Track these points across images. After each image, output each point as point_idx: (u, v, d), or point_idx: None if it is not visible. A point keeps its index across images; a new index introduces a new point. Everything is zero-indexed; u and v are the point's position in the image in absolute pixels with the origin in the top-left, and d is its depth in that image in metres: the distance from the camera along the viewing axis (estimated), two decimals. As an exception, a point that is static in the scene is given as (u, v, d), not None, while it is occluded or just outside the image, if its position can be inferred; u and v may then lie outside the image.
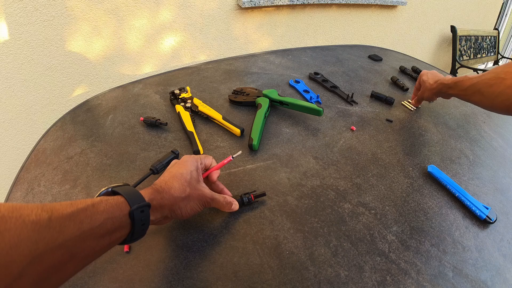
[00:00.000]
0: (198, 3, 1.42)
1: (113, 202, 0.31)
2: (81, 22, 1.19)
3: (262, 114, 0.65)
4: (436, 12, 2.51)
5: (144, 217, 0.32)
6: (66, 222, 0.25)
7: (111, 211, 0.30)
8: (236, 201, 0.45)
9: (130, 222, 0.31)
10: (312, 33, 1.89)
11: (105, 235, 0.29)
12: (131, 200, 0.32)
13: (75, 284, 0.37)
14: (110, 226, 0.29)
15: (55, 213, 0.25)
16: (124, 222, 0.31)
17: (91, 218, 0.27)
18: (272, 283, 0.39)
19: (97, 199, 0.30)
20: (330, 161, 0.59)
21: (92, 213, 0.28)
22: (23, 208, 0.24)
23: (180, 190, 0.38)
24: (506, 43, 3.95)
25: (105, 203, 0.30)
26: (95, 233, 0.28)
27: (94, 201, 0.29)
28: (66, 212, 0.26)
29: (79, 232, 0.26)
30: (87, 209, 0.28)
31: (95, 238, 0.28)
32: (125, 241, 0.33)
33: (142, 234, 0.34)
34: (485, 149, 0.69)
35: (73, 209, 0.27)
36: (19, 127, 1.25)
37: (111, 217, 0.29)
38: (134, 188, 0.34)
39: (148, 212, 0.33)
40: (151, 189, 0.37)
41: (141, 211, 0.32)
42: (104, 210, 0.29)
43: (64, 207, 0.26)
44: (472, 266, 0.44)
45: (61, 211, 0.26)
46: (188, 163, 0.42)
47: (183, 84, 0.79)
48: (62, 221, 0.25)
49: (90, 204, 0.29)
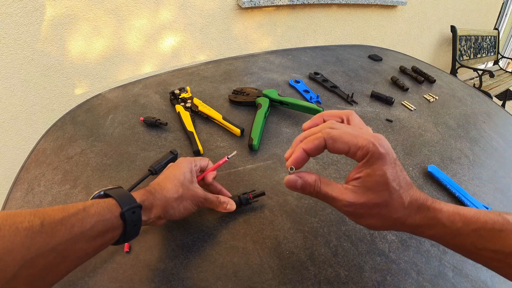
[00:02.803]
0: (198, 3, 1.42)
1: (104, 204, 0.32)
2: (81, 22, 1.19)
3: (262, 114, 0.65)
4: (436, 12, 2.51)
5: (135, 218, 0.34)
6: (58, 227, 0.27)
7: (102, 213, 0.31)
8: (232, 201, 0.45)
9: (122, 223, 0.33)
10: (312, 33, 1.89)
11: (97, 236, 0.30)
12: (122, 202, 0.33)
13: (75, 284, 0.37)
14: (101, 228, 0.30)
15: (47, 218, 0.27)
16: (116, 223, 0.32)
17: (82, 221, 0.29)
18: (272, 283, 0.39)
19: (89, 203, 0.31)
20: (330, 160, 0.59)
21: (83, 217, 0.29)
22: (16, 216, 0.26)
23: (173, 191, 0.39)
24: (506, 43, 3.95)
25: (96, 206, 0.31)
26: (87, 235, 0.29)
27: (85, 205, 0.31)
28: (57, 217, 0.28)
29: (70, 235, 0.28)
30: (78, 213, 0.29)
31: (86, 240, 0.29)
32: (119, 241, 0.34)
33: (135, 234, 0.35)
34: (485, 149, 0.69)
35: (64, 214, 0.28)
36: (19, 127, 1.25)
37: (102, 219, 0.31)
38: (125, 190, 0.36)
39: (139, 213, 0.34)
40: (144, 190, 0.38)
41: (132, 212, 0.33)
42: (95, 213, 0.30)
43: (56, 212, 0.28)
44: (472, 266, 0.44)
45: (53, 216, 0.27)
46: (182, 164, 0.43)
47: (183, 84, 0.79)
48: (54, 226, 0.27)
49: (82, 208, 0.30)
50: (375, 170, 0.29)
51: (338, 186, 0.31)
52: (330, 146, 0.30)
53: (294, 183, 0.31)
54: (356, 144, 0.29)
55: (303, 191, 0.32)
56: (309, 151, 0.30)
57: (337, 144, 0.29)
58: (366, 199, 0.29)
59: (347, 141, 0.29)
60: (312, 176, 0.32)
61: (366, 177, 0.29)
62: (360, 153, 0.29)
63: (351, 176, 0.31)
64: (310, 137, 0.31)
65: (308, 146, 0.30)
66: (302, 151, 0.30)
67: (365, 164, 0.29)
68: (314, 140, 0.30)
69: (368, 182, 0.29)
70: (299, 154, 0.30)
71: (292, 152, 0.31)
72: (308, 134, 0.32)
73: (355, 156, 0.29)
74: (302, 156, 0.30)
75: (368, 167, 0.29)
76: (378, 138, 0.29)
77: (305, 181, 0.31)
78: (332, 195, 0.31)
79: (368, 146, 0.28)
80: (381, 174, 0.29)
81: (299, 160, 0.31)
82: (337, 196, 0.30)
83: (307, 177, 0.31)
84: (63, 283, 0.37)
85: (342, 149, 0.29)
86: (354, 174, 0.31)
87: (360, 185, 0.30)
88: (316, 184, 0.31)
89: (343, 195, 0.30)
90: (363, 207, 0.30)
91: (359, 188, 0.30)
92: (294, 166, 0.31)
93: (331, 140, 0.29)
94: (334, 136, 0.29)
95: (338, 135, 0.29)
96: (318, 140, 0.30)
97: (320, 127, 0.32)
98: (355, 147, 0.29)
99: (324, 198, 0.32)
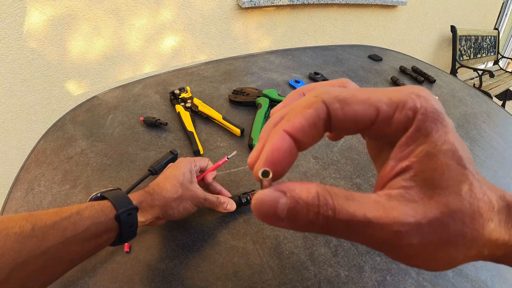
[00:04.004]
0: (198, 3, 1.42)
1: (98, 207, 0.32)
2: (81, 22, 1.19)
3: (262, 114, 0.65)
4: (436, 12, 2.51)
5: (131, 220, 0.34)
6: (49, 231, 0.28)
7: (96, 216, 0.31)
8: (232, 201, 0.45)
9: (117, 225, 0.33)
10: (312, 33, 1.89)
11: (91, 239, 0.30)
12: (117, 204, 0.33)
13: (75, 284, 0.37)
14: (95, 231, 0.31)
15: (39, 222, 0.28)
16: (111, 225, 0.32)
17: (74, 224, 0.29)
18: (272, 283, 0.39)
19: (83, 206, 0.32)
20: (330, 160, 0.59)
21: (76, 220, 0.30)
22: (9, 221, 0.27)
23: (172, 191, 0.39)
24: (506, 43, 3.95)
25: (90, 209, 0.31)
26: (80, 238, 0.29)
27: (79, 208, 0.31)
28: (49, 221, 0.28)
29: (63, 239, 0.28)
30: (71, 216, 0.30)
31: (80, 243, 0.30)
32: (115, 243, 0.34)
33: (132, 235, 0.35)
34: (485, 149, 0.69)
35: (56, 217, 0.29)
36: (19, 127, 1.25)
37: (95, 222, 0.31)
38: (122, 192, 0.36)
39: (135, 215, 0.34)
40: (143, 191, 0.38)
41: (128, 214, 0.33)
42: (89, 216, 0.31)
43: (48, 216, 0.29)
44: (472, 266, 0.44)
45: (45, 220, 0.28)
46: (182, 164, 0.43)
47: (183, 84, 0.79)
48: (45, 230, 0.27)
49: (75, 211, 0.30)
50: (439, 143, 0.14)
51: (369, 197, 0.14)
52: (338, 114, 0.14)
53: (273, 205, 0.13)
54: (390, 99, 0.14)
55: (295, 221, 0.13)
56: (298, 133, 0.14)
57: (351, 107, 0.14)
58: (438, 207, 0.13)
59: (367, 98, 0.14)
60: (310, 187, 0.14)
61: (425, 161, 0.14)
62: (402, 116, 0.14)
63: (391, 169, 0.15)
64: (295, 109, 0.15)
65: (295, 123, 0.14)
66: (283, 135, 0.14)
67: (414, 136, 0.14)
68: (304, 110, 0.14)
69: (431, 171, 0.14)
70: (277, 142, 0.14)
71: (262, 146, 0.15)
72: (288, 110, 0.15)
73: (390, 124, 0.14)
74: (283, 145, 0.14)
75: (424, 140, 0.14)
76: (420, 88, 0.15)
77: (295, 199, 0.13)
78: (365, 216, 0.13)
79: (413, 100, 0.14)
80: (450, 149, 0.14)
81: (280, 155, 0.14)
82: (375, 218, 0.13)
83: (300, 190, 0.13)
84: (63, 283, 0.37)
85: (363, 115, 0.14)
86: (395, 163, 0.15)
87: (418, 181, 0.14)
88: (321, 201, 0.13)
89: (388, 213, 0.13)
90: (435, 226, 0.13)
91: (416, 188, 0.14)
92: (270, 168, 0.14)
93: (338, 102, 0.14)
94: (343, 95, 0.14)
95: (349, 93, 0.14)
96: (312, 109, 0.14)
97: (308, 95, 0.15)
98: (387, 105, 0.14)
99: (347, 229, 0.13)
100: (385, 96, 0.15)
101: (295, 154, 0.14)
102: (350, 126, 0.15)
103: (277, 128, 0.15)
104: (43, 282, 0.28)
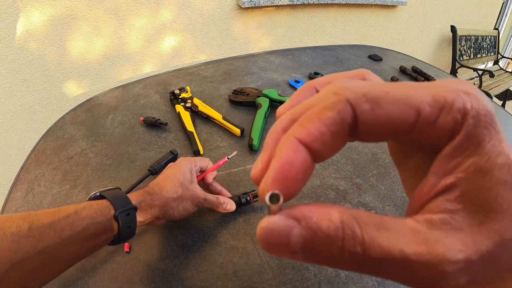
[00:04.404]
0: (198, 3, 1.42)
1: (96, 207, 0.32)
2: (81, 22, 1.19)
3: (262, 114, 0.65)
4: (436, 12, 2.51)
5: (129, 220, 0.34)
6: (46, 231, 0.28)
7: (93, 216, 0.31)
8: (232, 201, 0.45)
9: (116, 224, 0.33)
10: (312, 33, 1.89)
11: (89, 239, 0.30)
12: (116, 204, 0.33)
13: (76, 284, 0.37)
14: (93, 231, 0.31)
15: (36, 222, 0.28)
16: (109, 225, 0.32)
17: (72, 225, 0.29)
18: (272, 283, 0.39)
19: (81, 206, 0.32)
20: (330, 160, 0.59)
21: (73, 220, 0.30)
22: (6, 221, 0.27)
23: (172, 191, 0.39)
24: (506, 43, 3.95)
25: (88, 209, 0.31)
26: (77, 238, 0.29)
27: (77, 208, 0.31)
28: (46, 221, 0.28)
29: (60, 239, 0.28)
30: (69, 217, 0.30)
31: (77, 243, 0.30)
32: (114, 242, 0.34)
33: (131, 235, 0.35)
34: (485, 149, 0.69)
35: (54, 218, 0.29)
36: (19, 127, 1.25)
37: (93, 222, 0.31)
38: (121, 192, 0.36)
39: (134, 215, 0.34)
40: (142, 191, 0.38)
41: (126, 214, 0.33)
42: (87, 216, 0.31)
43: (45, 216, 0.29)
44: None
45: (42, 220, 0.28)
46: (182, 164, 0.43)
47: (183, 84, 0.79)
48: (42, 230, 0.27)
49: (73, 211, 0.30)
50: (493, 155, 0.11)
51: (405, 225, 0.11)
52: (368, 117, 0.11)
53: (285, 236, 0.11)
54: (433, 98, 0.11)
55: (312, 256, 0.11)
56: (315, 143, 0.11)
57: (385, 109, 0.11)
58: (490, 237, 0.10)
59: (406, 97, 0.11)
60: (331, 213, 0.11)
61: (475, 178, 0.11)
62: (448, 119, 0.11)
63: (431, 187, 0.12)
64: (312, 110, 0.12)
65: (312, 130, 0.11)
66: (296, 145, 0.11)
67: (463, 145, 0.11)
68: (323, 112, 0.11)
69: (483, 191, 0.11)
70: (289, 154, 0.11)
71: (269, 157, 0.12)
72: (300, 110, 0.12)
73: (433, 129, 0.11)
74: (297, 158, 0.11)
75: (474, 151, 0.11)
76: (467, 83, 0.12)
77: (312, 230, 0.11)
78: (403, 253, 0.10)
79: (462, 99, 0.11)
80: (506, 163, 0.11)
81: (293, 171, 0.11)
82: (416, 255, 0.10)
83: (319, 219, 0.11)
84: (63, 283, 0.37)
85: (400, 119, 0.11)
86: (437, 180, 0.12)
87: (466, 202, 0.11)
88: (347, 233, 0.10)
89: (431, 248, 0.10)
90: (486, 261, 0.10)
91: (464, 212, 0.11)
92: (281, 188, 0.11)
93: (368, 102, 0.11)
94: (374, 93, 0.11)
95: (381, 90, 0.11)
96: (334, 111, 0.11)
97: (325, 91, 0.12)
98: (430, 106, 0.11)
99: (379, 267, 0.10)
100: (428, 94, 0.11)
101: (311, 168, 0.11)
102: (382, 132, 0.11)
103: (288, 136, 0.11)
104: (41, 281, 0.28)
